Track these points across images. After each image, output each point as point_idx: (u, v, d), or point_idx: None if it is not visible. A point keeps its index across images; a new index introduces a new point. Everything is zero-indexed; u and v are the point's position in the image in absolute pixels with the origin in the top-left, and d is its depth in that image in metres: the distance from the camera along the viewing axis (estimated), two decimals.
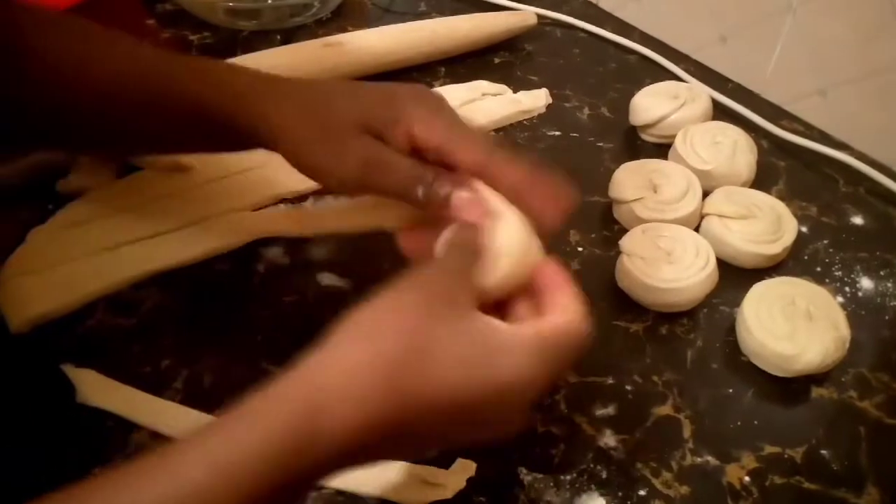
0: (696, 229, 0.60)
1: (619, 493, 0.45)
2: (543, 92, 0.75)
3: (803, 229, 0.62)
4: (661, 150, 0.69)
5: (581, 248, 0.60)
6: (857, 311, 0.56)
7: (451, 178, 0.40)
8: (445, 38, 0.78)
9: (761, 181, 0.65)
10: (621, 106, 0.73)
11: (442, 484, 0.44)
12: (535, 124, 0.72)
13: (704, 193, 0.61)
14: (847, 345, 0.51)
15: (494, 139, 0.41)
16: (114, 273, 0.54)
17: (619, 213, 0.62)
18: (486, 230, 0.39)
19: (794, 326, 0.51)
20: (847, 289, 0.58)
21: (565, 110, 0.74)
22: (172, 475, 0.29)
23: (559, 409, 0.49)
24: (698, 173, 0.62)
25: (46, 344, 0.50)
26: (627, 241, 0.56)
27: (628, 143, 0.71)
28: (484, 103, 0.73)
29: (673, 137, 0.67)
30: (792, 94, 0.74)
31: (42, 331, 0.51)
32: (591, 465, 0.46)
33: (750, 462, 0.47)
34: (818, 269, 0.59)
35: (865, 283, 0.58)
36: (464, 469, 0.44)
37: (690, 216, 0.60)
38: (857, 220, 0.64)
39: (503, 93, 0.75)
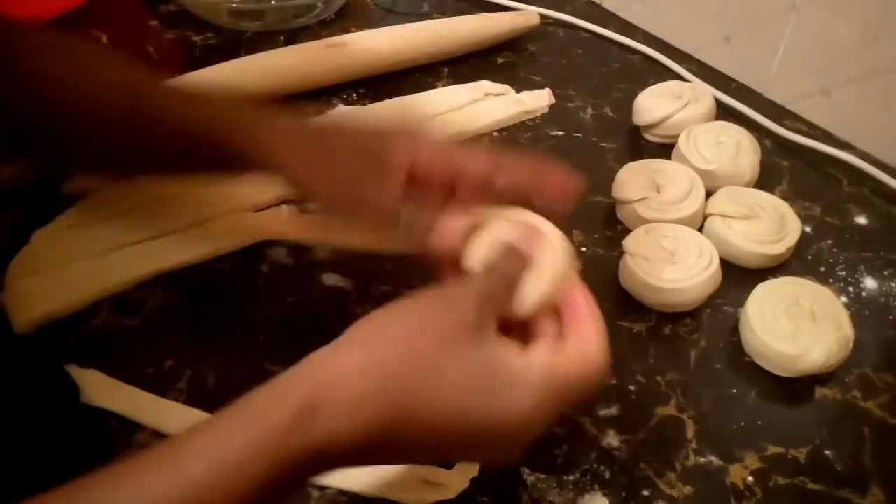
0: (700, 229, 0.59)
1: (623, 494, 0.45)
2: (546, 92, 0.75)
3: (807, 229, 0.62)
4: (665, 150, 0.69)
5: (584, 249, 0.60)
6: (860, 311, 0.56)
7: (428, 220, 0.41)
8: (448, 38, 0.78)
9: (765, 181, 0.65)
10: (624, 106, 0.73)
11: (444, 484, 0.44)
12: (538, 124, 0.72)
13: (708, 193, 0.61)
14: (851, 345, 0.51)
15: (493, 145, 0.43)
16: (118, 273, 0.54)
17: (622, 214, 0.62)
18: (529, 257, 0.39)
19: (798, 326, 0.50)
20: (851, 289, 0.58)
21: (568, 110, 0.74)
22: (173, 470, 0.30)
23: None
24: (702, 173, 0.62)
25: (50, 344, 0.50)
26: (631, 242, 0.56)
27: (631, 143, 0.71)
28: (487, 103, 0.73)
29: (676, 137, 0.67)
30: (795, 94, 0.74)
31: (46, 331, 0.51)
32: (595, 465, 0.46)
33: (753, 462, 0.47)
34: (822, 269, 0.59)
35: (869, 283, 0.58)
36: (466, 469, 0.44)
37: (694, 216, 0.59)
38: (860, 220, 0.64)
39: (506, 93, 0.75)
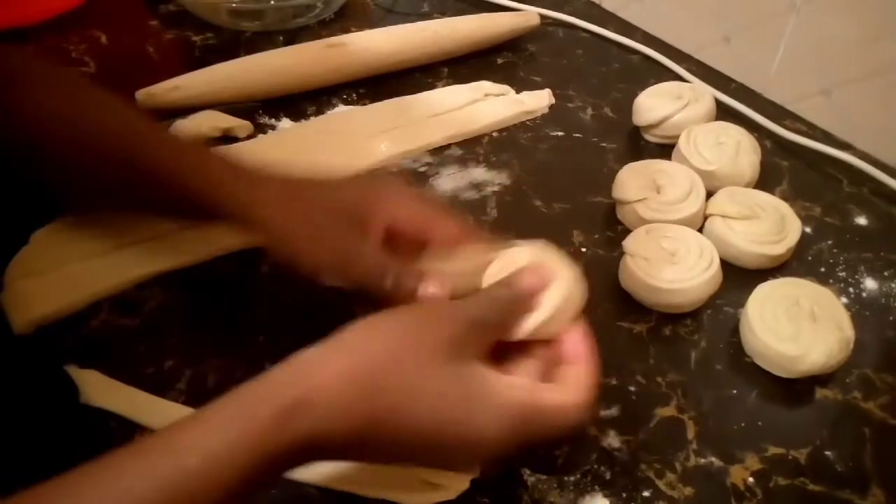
0: (700, 230, 0.59)
1: (623, 495, 0.45)
2: (546, 92, 0.75)
3: (807, 230, 0.62)
4: (665, 150, 0.69)
5: (584, 249, 0.60)
6: (861, 311, 0.56)
7: (416, 271, 0.44)
8: (448, 38, 0.78)
9: (765, 181, 0.65)
10: (624, 106, 0.73)
11: (445, 485, 0.44)
12: (538, 125, 0.72)
13: (708, 194, 0.61)
14: (851, 346, 0.51)
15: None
16: (117, 274, 0.54)
17: (622, 214, 0.62)
18: (535, 298, 0.40)
19: (798, 327, 0.50)
20: (851, 289, 0.58)
21: (568, 111, 0.74)
22: (165, 461, 0.31)
23: None
24: (702, 174, 0.62)
25: (50, 345, 0.50)
26: (631, 242, 0.56)
27: (631, 143, 0.71)
28: (487, 104, 0.73)
29: (676, 138, 0.67)
30: (795, 94, 0.74)
31: (46, 332, 0.51)
32: (595, 465, 0.46)
33: (754, 463, 0.47)
34: (822, 269, 0.59)
35: (869, 284, 0.58)
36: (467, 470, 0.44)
37: (694, 217, 0.59)
38: (860, 221, 0.64)
39: (506, 93, 0.75)
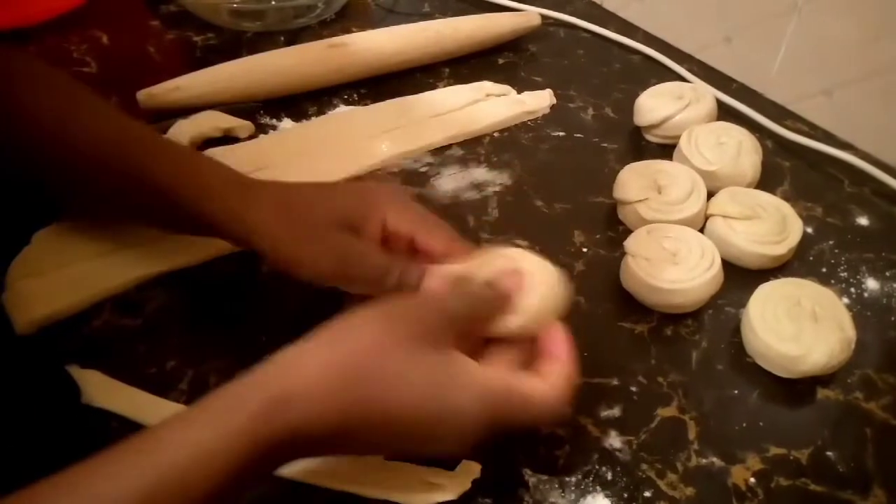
0: (701, 230, 0.59)
1: (625, 495, 0.45)
2: (547, 92, 0.75)
3: (808, 230, 0.62)
4: (666, 150, 0.69)
5: (585, 249, 0.60)
6: (862, 311, 0.56)
7: (418, 267, 0.44)
8: (449, 38, 0.78)
9: (766, 182, 0.65)
10: (626, 106, 0.73)
11: (446, 485, 0.44)
12: (539, 125, 0.72)
13: (709, 194, 0.61)
14: (853, 346, 0.51)
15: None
16: (119, 274, 0.54)
17: (623, 214, 0.62)
18: (513, 299, 0.42)
19: (800, 327, 0.50)
20: (853, 290, 0.58)
21: (569, 111, 0.74)
22: (154, 456, 0.32)
23: None
24: (703, 174, 0.62)
25: (51, 345, 0.50)
26: (632, 242, 0.56)
27: (633, 143, 0.71)
28: (488, 104, 0.73)
29: (677, 138, 0.67)
30: (797, 94, 0.74)
31: (47, 332, 0.51)
32: (596, 466, 0.46)
33: (755, 463, 0.47)
34: (823, 269, 0.59)
35: (871, 284, 0.58)
36: (468, 471, 0.44)
37: (695, 217, 0.59)
38: (862, 221, 0.64)
39: (507, 93, 0.75)
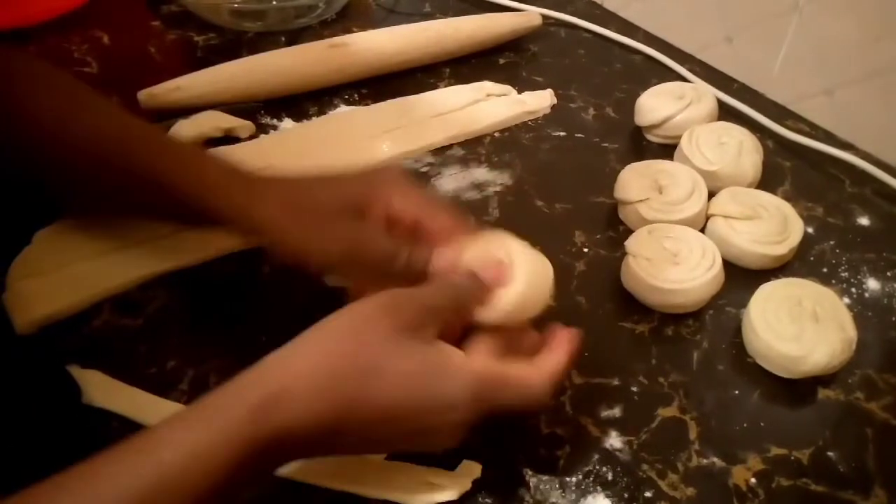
0: (702, 230, 0.59)
1: (625, 495, 0.45)
2: (548, 92, 0.75)
3: (809, 230, 0.62)
4: (667, 150, 0.69)
5: (586, 249, 0.60)
6: (863, 312, 0.56)
7: (425, 250, 0.44)
8: (450, 38, 0.78)
9: (767, 182, 0.65)
10: (626, 106, 0.72)
11: (447, 485, 0.44)
12: (540, 125, 0.72)
13: (710, 194, 0.61)
14: (854, 346, 0.51)
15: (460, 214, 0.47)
16: (120, 274, 0.54)
17: (624, 214, 0.62)
18: (492, 290, 0.42)
19: (801, 328, 0.50)
20: (854, 290, 0.58)
21: (570, 111, 0.74)
22: (148, 458, 0.32)
23: (565, 410, 0.49)
24: (704, 174, 0.62)
25: (52, 345, 0.50)
26: (633, 242, 0.56)
27: (634, 143, 0.71)
28: (489, 104, 0.73)
29: (678, 138, 0.67)
30: (797, 94, 0.74)
31: (48, 332, 0.51)
32: (597, 466, 0.46)
33: (756, 464, 0.47)
34: (824, 269, 0.59)
35: (872, 284, 0.58)
36: (469, 471, 0.44)
37: (696, 217, 0.59)
38: (863, 221, 0.64)
39: (508, 93, 0.75)
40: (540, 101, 0.74)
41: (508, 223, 0.61)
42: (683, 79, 0.77)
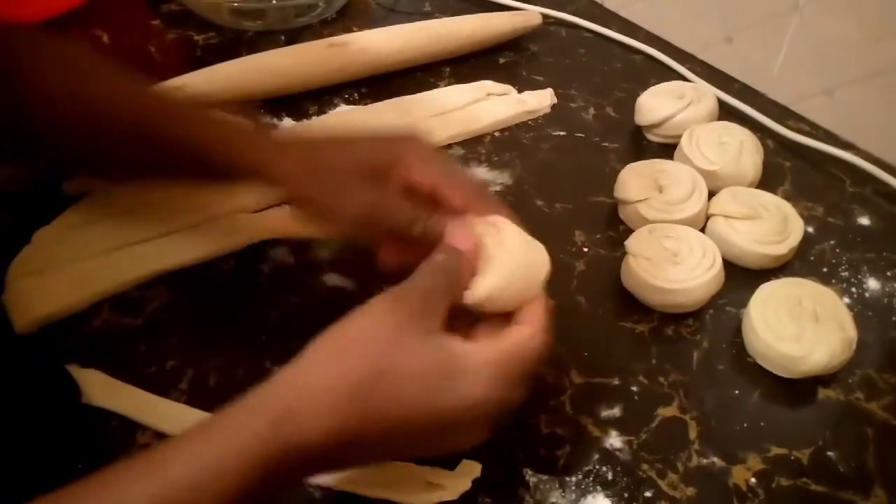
0: (702, 230, 0.59)
1: (625, 495, 0.45)
2: (548, 92, 0.75)
3: (810, 230, 0.61)
4: (667, 150, 0.68)
5: (586, 249, 0.60)
6: (864, 311, 0.56)
7: (444, 216, 0.44)
8: (450, 38, 0.78)
9: (767, 181, 0.65)
10: (627, 106, 0.72)
11: (447, 485, 0.44)
12: (540, 124, 0.72)
13: (710, 194, 0.61)
14: (854, 346, 0.50)
15: (479, 183, 0.46)
16: (119, 273, 0.54)
17: (624, 214, 0.62)
18: (478, 256, 0.42)
19: (801, 327, 0.50)
20: (854, 290, 0.58)
21: (571, 110, 0.74)
22: (159, 473, 0.31)
23: (564, 410, 0.49)
24: (704, 173, 0.62)
25: (51, 344, 0.50)
26: (633, 242, 0.56)
27: (634, 143, 0.71)
28: (489, 103, 0.73)
29: (679, 137, 0.66)
30: (798, 94, 0.74)
31: (47, 331, 0.51)
32: (597, 466, 0.46)
33: (756, 463, 0.47)
34: (825, 269, 0.59)
35: (872, 284, 0.58)
36: (469, 470, 0.44)
37: (696, 217, 0.59)
38: (863, 221, 0.64)
39: (508, 93, 0.75)
40: (540, 100, 0.74)
41: None
42: (684, 78, 0.77)
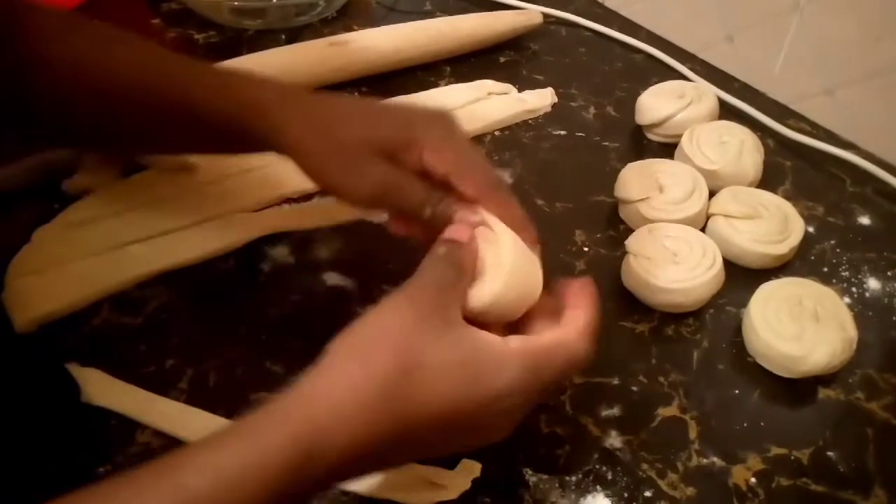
0: (703, 229, 0.59)
1: (625, 495, 0.45)
2: (549, 91, 0.75)
3: (810, 229, 0.61)
4: (668, 149, 0.68)
5: (587, 248, 0.60)
6: (864, 311, 0.56)
7: (455, 202, 0.43)
8: (451, 37, 0.78)
9: (768, 181, 0.65)
10: (627, 105, 0.72)
11: (446, 485, 0.44)
12: (540, 123, 0.72)
13: (711, 193, 0.61)
14: (854, 346, 0.50)
15: (494, 175, 0.45)
16: (119, 272, 0.54)
17: (624, 213, 0.62)
18: (478, 250, 0.41)
19: (801, 327, 0.50)
20: (854, 289, 0.58)
21: (571, 109, 0.74)
22: (176, 485, 0.30)
23: (564, 409, 0.49)
24: (704, 173, 0.62)
25: (51, 343, 0.50)
26: (633, 241, 0.56)
27: (634, 142, 0.71)
28: (489, 102, 0.72)
29: (679, 137, 0.66)
30: (799, 94, 0.74)
31: (47, 330, 0.51)
32: (597, 465, 0.46)
33: (756, 463, 0.47)
34: (825, 269, 0.59)
35: (873, 284, 0.58)
36: (468, 470, 0.44)
37: (697, 216, 0.59)
38: (864, 220, 0.64)
39: (509, 92, 0.75)
40: (540, 99, 0.74)
41: None
42: (684, 78, 0.77)
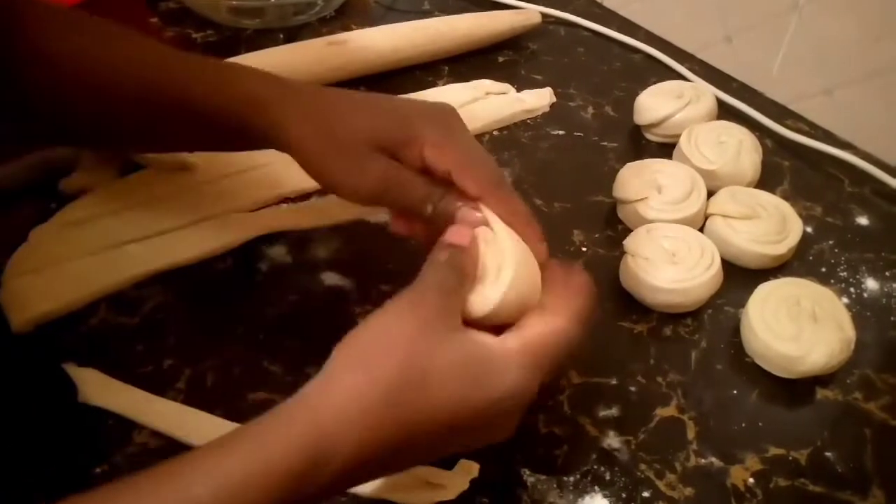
0: (701, 229, 0.59)
1: (623, 495, 0.45)
2: (547, 91, 0.75)
3: (808, 230, 0.61)
4: (666, 149, 0.68)
5: (585, 248, 0.60)
6: (862, 311, 0.56)
7: (457, 199, 0.43)
8: (449, 36, 0.78)
9: (766, 181, 0.65)
10: (626, 105, 0.72)
11: (444, 485, 0.44)
12: (538, 123, 0.72)
13: (709, 193, 0.61)
14: (852, 346, 0.50)
15: (497, 172, 0.45)
16: (116, 272, 0.54)
17: (623, 213, 0.62)
18: (478, 252, 0.41)
19: (799, 327, 0.50)
20: (852, 290, 0.58)
21: (569, 109, 0.74)
22: (178, 492, 0.30)
23: (562, 409, 0.49)
24: (703, 173, 0.62)
25: (48, 343, 0.50)
26: (631, 242, 0.56)
27: (633, 142, 0.71)
28: (488, 102, 0.72)
29: (677, 137, 0.66)
30: (797, 94, 0.74)
31: (44, 330, 0.51)
32: (595, 466, 0.46)
33: (754, 464, 0.47)
34: (823, 269, 0.59)
35: (871, 284, 0.58)
36: (466, 470, 0.44)
37: (695, 216, 0.59)
38: (862, 221, 0.64)
39: (507, 92, 0.74)
40: (539, 99, 0.73)
41: None
42: (683, 78, 0.77)
